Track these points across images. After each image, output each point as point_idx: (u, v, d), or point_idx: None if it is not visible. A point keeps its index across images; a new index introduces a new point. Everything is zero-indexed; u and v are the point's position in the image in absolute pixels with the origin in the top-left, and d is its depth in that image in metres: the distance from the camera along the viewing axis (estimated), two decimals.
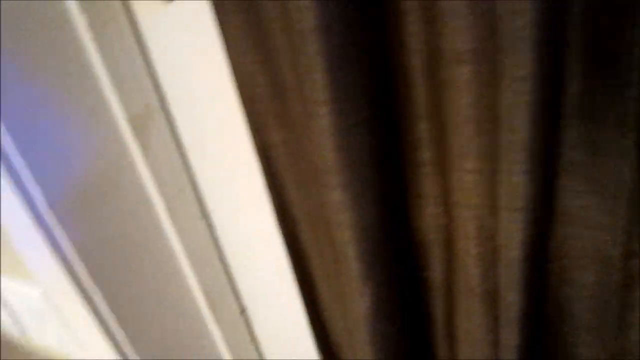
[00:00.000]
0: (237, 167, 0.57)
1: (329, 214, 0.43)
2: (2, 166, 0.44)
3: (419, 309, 0.51)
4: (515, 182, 0.36)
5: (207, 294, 0.67)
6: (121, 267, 0.56)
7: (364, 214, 0.42)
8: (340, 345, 0.62)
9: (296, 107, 0.43)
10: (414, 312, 0.51)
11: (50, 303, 0.66)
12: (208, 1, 0.43)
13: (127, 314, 0.57)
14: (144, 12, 0.51)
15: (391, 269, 0.46)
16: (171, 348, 0.64)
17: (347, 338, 0.59)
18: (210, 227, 0.65)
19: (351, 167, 0.39)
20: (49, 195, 0.47)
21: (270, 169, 0.49)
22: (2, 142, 0.44)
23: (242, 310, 0.74)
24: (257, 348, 0.79)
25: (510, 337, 0.43)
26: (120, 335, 0.57)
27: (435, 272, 0.48)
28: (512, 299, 0.41)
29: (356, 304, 0.48)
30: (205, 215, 0.64)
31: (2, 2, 0.40)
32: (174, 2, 0.48)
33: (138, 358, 0.59)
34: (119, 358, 0.58)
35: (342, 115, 0.37)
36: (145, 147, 0.55)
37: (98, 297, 0.53)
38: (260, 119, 0.46)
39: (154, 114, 0.56)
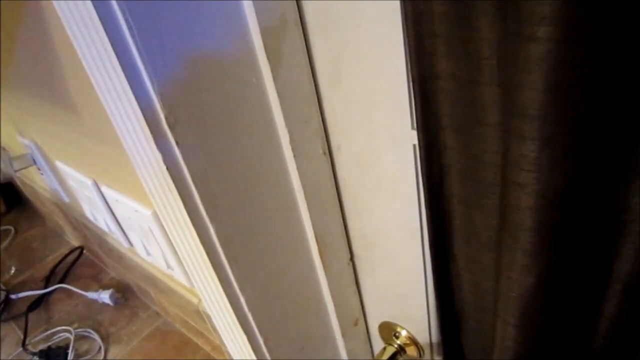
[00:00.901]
0: (375, 102, 0.49)
1: (508, 171, 0.34)
2: (122, 70, 0.39)
3: (587, 300, 0.41)
4: None
5: (319, 235, 0.61)
6: (235, 195, 0.51)
7: (559, 178, 0.32)
8: (466, 315, 0.54)
9: (483, 28, 0.33)
10: (579, 303, 0.41)
11: (159, 223, 0.64)
12: None
13: (235, 245, 0.52)
14: None
15: (568, 247, 0.37)
16: (274, 286, 0.60)
17: (481, 310, 0.51)
18: (332, 165, 0.58)
19: (560, 114, 0.29)
20: (168, 110, 0.42)
21: (427, 105, 0.40)
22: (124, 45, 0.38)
23: (351, 258, 0.69)
24: (360, 300, 0.74)
25: None
26: (224, 266, 0.53)
27: (623, 262, 0.38)
28: None
29: (514, 279, 0.39)
30: (329, 151, 0.57)
31: None
32: None
33: (240, 292, 0.55)
34: (220, 286, 0.54)
35: (563, 44, 0.27)
36: (275, 66, 0.48)
37: (207, 225, 0.49)
38: (428, 43, 0.36)
39: (290, 29, 0.48)
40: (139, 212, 0.64)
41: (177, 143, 0.43)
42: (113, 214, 0.77)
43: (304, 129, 0.53)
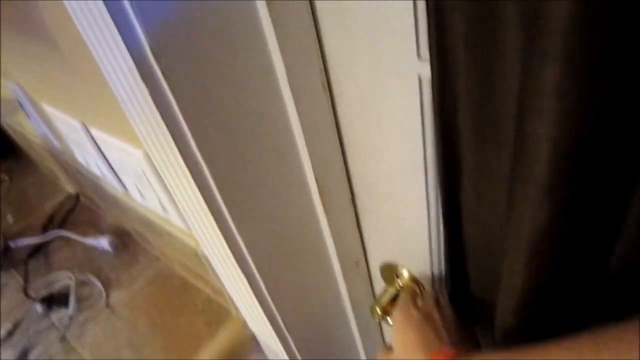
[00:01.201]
0: (377, 29, 0.45)
1: (526, 96, 0.31)
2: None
3: (600, 240, 0.39)
4: None
5: (318, 174, 0.59)
6: (229, 133, 0.48)
7: (582, 106, 0.29)
8: (473, 253, 0.53)
9: None
10: (591, 243, 0.40)
11: (151, 165, 0.61)
12: None
13: (232, 186, 0.50)
14: None
15: (585, 182, 0.34)
16: (274, 228, 0.58)
17: (489, 247, 0.49)
18: (332, 100, 0.55)
19: (589, 27, 0.26)
20: (153, 40, 0.38)
21: (441, 24, 0.36)
22: None
23: (352, 198, 0.67)
24: (361, 240, 0.73)
25: None
26: (221, 208, 0.50)
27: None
28: None
29: (526, 215, 0.37)
30: (328, 85, 0.54)
31: None
32: None
33: (239, 235, 0.53)
34: (217, 229, 0.52)
35: None
36: None
37: (201, 164, 0.46)
38: None
39: None
40: (130, 154, 0.61)
41: (164, 75, 0.39)
42: (105, 157, 0.74)
43: (302, 60, 0.49)
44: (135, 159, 0.61)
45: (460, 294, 0.63)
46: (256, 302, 0.60)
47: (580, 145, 0.32)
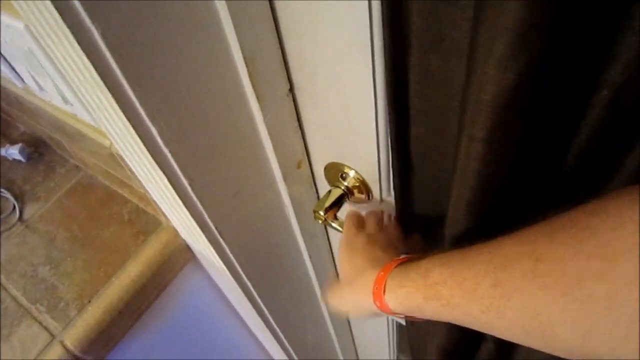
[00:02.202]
0: None
1: None
2: None
3: (566, 113, 0.34)
4: None
5: (248, 58, 0.50)
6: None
7: None
8: (423, 142, 0.47)
9: None
10: (557, 115, 0.34)
11: (37, 41, 0.50)
12: None
13: (135, 62, 0.40)
14: None
15: (557, 40, 0.28)
16: (196, 117, 0.49)
17: (443, 132, 0.43)
18: None
19: None
20: None
21: None
22: None
23: (290, 89, 0.58)
24: (303, 138, 0.66)
25: None
26: (124, 88, 0.40)
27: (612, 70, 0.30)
28: None
29: (489, 77, 0.30)
30: None
31: None
32: None
33: (151, 122, 0.44)
34: (123, 116, 0.43)
35: None
36: None
37: (90, 29, 0.36)
38: None
39: None
40: (10, 27, 0.49)
41: None
42: None
43: None
44: (18, 33, 0.49)
45: (408, 200, 0.58)
46: (181, 204, 0.53)
47: None
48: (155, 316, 0.72)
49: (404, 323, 0.85)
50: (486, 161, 0.36)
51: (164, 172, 0.48)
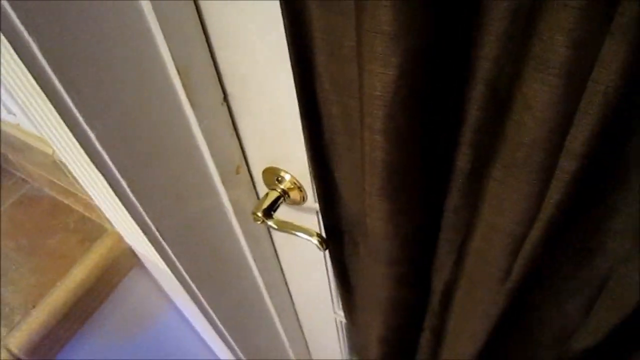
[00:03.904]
0: None
1: None
2: None
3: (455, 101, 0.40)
4: None
5: (181, 68, 0.54)
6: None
7: None
8: (336, 142, 0.52)
9: None
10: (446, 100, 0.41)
11: None
12: None
13: (71, 67, 0.45)
14: None
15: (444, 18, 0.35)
16: (134, 123, 0.53)
17: (350, 129, 0.49)
18: None
19: None
20: None
21: None
22: None
23: (225, 97, 0.63)
24: (240, 144, 0.71)
25: None
26: (61, 94, 0.44)
27: (487, 49, 0.36)
28: None
29: (375, 73, 0.36)
30: None
31: None
32: None
33: (88, 127, 0.48)
34: (60, 120, 0.47)
35: None
36: None
37: (23, 37, 0.40)
38: None
39: None
40: None
41: None
42: None
43: None
44: None
45: (331, 200, 0.63)
46: (121, 205, 0.57)
47: None
48: (103, 319, 0.74)
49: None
50: (387, 150, 0.42)
51: (103, 175, 0.52)
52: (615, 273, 0.45)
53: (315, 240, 0.66)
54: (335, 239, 0.66)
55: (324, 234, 0.68)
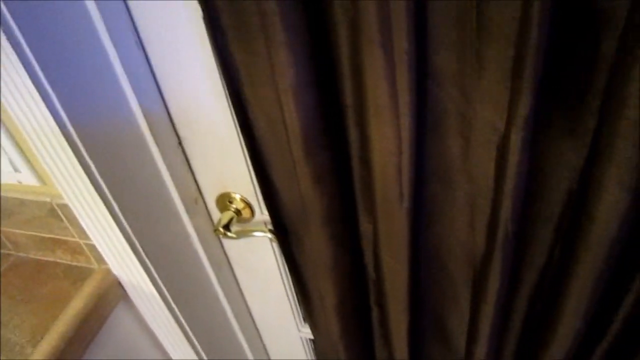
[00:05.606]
0: None
1: None
2: None
3: None
4: None
5: (147, 114, 0.74)
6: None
7: None
8: (268, 151, 0.73)
9: None
10: None
11: None
12: None
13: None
14: None
15: None
16: (110, 151, 0.71)
17: (276, 133, 0.70)
18: (146, 57, 0.72)
19: None
20: None
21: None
22: None
23: (179, 141, 0.83)
24: (194, 179, 0.89)
25: None
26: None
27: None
28: None
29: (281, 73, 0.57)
30: (139, 43, 0.70)
31: None
32: None
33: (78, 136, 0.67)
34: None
35: None
36: None
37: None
38: None
39: None
40: None
41: None
42: None
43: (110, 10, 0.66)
44: None
45: (276, 204, 0.77)
46: (117, 231, 0.73)
47: None
48: (98, 349, 0.86)
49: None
50: (303, 137, 0.62)
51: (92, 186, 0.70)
52: None
53: (268, 234, 0.85)
54: (282, 232, 0.84)
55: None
